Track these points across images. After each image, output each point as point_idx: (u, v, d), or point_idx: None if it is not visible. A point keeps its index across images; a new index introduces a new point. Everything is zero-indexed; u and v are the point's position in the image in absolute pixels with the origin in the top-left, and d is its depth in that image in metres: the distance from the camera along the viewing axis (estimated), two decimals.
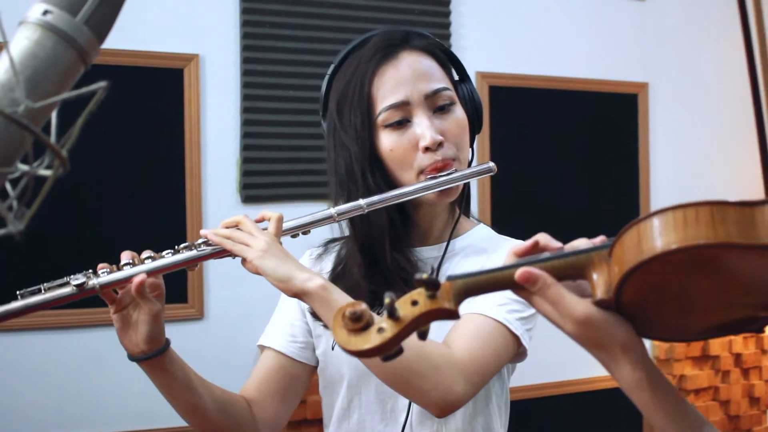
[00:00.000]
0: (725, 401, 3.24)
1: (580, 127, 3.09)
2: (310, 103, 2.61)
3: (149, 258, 1.05)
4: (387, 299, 0.69)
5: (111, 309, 1.06)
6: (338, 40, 2.65)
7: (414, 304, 0.69)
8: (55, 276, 1.03)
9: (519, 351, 1.14)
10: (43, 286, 1.01)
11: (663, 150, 3.25)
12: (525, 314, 1.12)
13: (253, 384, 1.23)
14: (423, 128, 1.13)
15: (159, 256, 1.06)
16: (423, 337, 0.71)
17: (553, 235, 0.78)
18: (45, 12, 0.50)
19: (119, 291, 1.05)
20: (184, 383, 1.11)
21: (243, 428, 1.18)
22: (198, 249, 1.07)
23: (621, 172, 3.17)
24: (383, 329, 0.69)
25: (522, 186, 2.92)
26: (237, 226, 1.08)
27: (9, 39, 0.49)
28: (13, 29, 0.51)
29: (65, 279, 1.02)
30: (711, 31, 3.35)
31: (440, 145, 1.13)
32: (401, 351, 0.71)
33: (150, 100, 2.46)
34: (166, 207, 2.47)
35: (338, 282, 1.18)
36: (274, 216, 1.09)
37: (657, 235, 0.64)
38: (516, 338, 1.11)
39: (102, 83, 0.45)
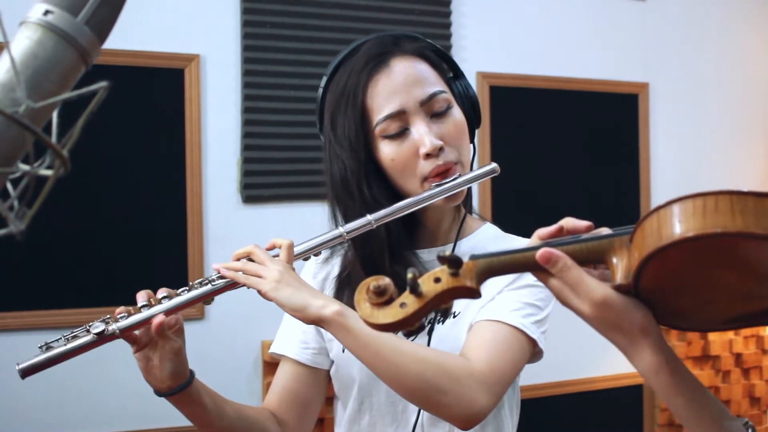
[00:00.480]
0: (726, 401, 3.24)
1: (581, 127, 3.09)
2: (311, 103, 2.60)
3: (165, 297, 1.06)
4: (410, 274, 0.70)
5: (132, 348, 1.08)
6: (339, 40, 2.65)
7: (437, 281, 0.71)
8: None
9: (534, 352, 1.15)
10: (64, 337, 1.05)
11: (663, 150, 3.24)
12: (539, 317, 1.13)
13: (275, 396, 1.25)
14: (422, 135, 1.12)
15: (175, 294, 1.07)
16: (446, 315, 0.72)
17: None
18: (46, 12, 0.50)
19: (138, 331, 1.07)
20: (212, 410, 1.13)
21: None
22: (213, 284, 1.07)
23: (621, 172, 3.17)
24: (406, 304, 0.70)
25: (522, 186, 2.91)
26: (248, 257, 1.08)
27: (10, 39, 0.49)
28: (14, 29, 0.51)
29: (85, 327, 1.04)
30: (711, 32, 3.35)
31: (441, 150, 1.13)
32: (423, 328, 0.73)
33: (151, 101, 2.46)
34: (167, 207, 2.47)
35: (345, 288, 1.19)
36: (285, 243, 1.09)
37: (676, 222, 0.65)
38: (532, 341, 1.12)
39: (103, 83, 0.45)
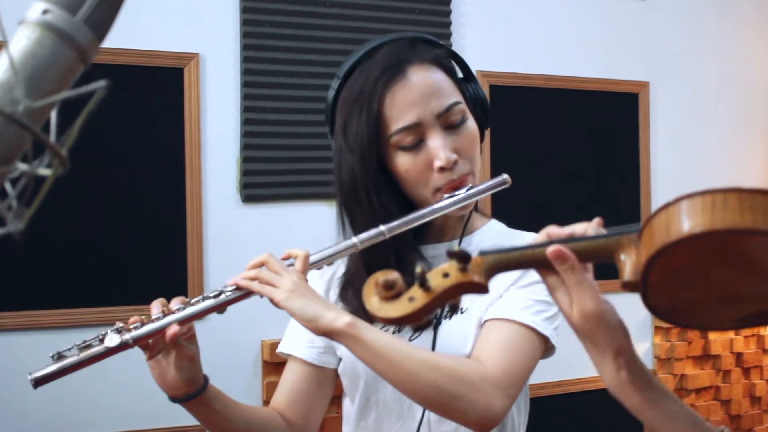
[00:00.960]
0: (726, 401, 3.24)
1: (581, 126, 3.09)
2: (311, 103, 2.61)
3: (180, 307, 1.06)
4: (418, 269, 0.70)
5: (145, 355, 1.09)
6: (339, 40, 2.65)
7: (445, 276, 0.71)
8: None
9: (547, 347, 1.15)
10: (76, 346, 1.05)
11: (663, 149, 3.24)
12: (550, 312, 1.13)
13: (282, 396, 1.25)
14: (437, 149, 1.12)
15: (188, 303, 1.07)
16: (454, 310, 0.72)
17: None
18: (44, 11, 0.50)
19: (152, 339, 1.07)
20: (226, 414, 1.13)
21: None
22: (226, 294, 1.07)
23: (621, 171, 3.17)
24: (414, 299, 0.71)
25: (522, 185, 2.91)
26: (263, 266, 1.08)
27: (8, 38, 0.49)
28: (13, 29, 0.51)
29: (98, 336, 1.05)
30: (711, 31, 3.35)
31: (455, 163, 1.13)
32: (431, 323, 0.73)
33: (150, 100, 2.46)
34: (166, 206, 2.46)
35: (350, 287, 1.20)
36: (301, 254, 1.09)
37: (685, 219, 0.64)
38: (545, 338, 1.12)
39: (101, 82, 0.44)
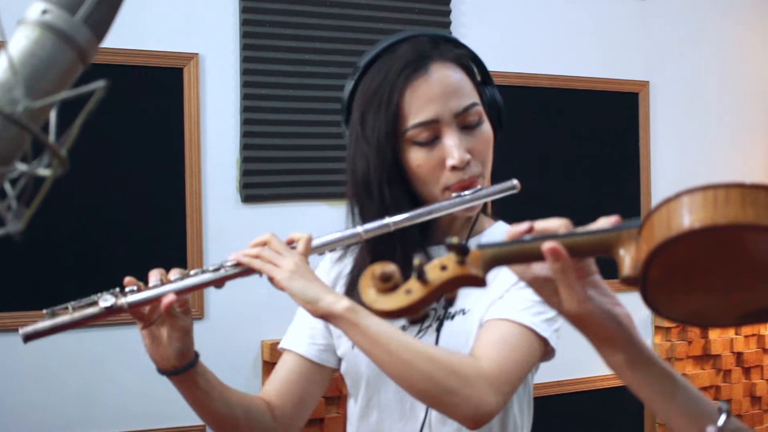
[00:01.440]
0: (726, 400, 3.23)
1: (581, 126, 3.09)
2: (311, 103, 2.61)
3: (178, 278, 1.06)
4: (416, 261, 0.70)
5: (138, 325, 1.08)
6: (339, 40, 2.64)
7: (443, 269, 0.71)
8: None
9: (546, 350, 1.14)
10: (71, 305, 1.03)
11: (664, 149, 3.24)
12: (550, 314, 1.12)
13: (274, 387, 1.24)
14: (451, 147, 1.12)
15: (186, 275, 1.06)
16: (450, 303, 0.72)
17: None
18: (44, 11, 0.50)
19: (147, 308, 1.06)
20: (213, 395, 1.12)
21: (264, 430, 1.19)
22: (226, 269, 1.07)
23: (622, 171, 3.17)
24: (411, 291, 0.70)
25: (522, 184, 2.91)
26: (265, 245, 1.08)
27: (8, 38, 0.49)
28: (13, 29, 0.51)
29: (93, 298, 1.03)
30: (712, 30, 3.35)
31: (467, 164, 1.13)
32: (427, 316, 0.72)
33: (149, 100, 2.46)
34: (166, 206, 2.46)
35: (357, 284, 1.19)
36: (304, 236, 1.09)
37: (686, 213, 0.64)
38: (543, 340, 1.12)
39: (101, 82, 0.44)
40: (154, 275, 1.06)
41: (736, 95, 3.39)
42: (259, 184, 2.57)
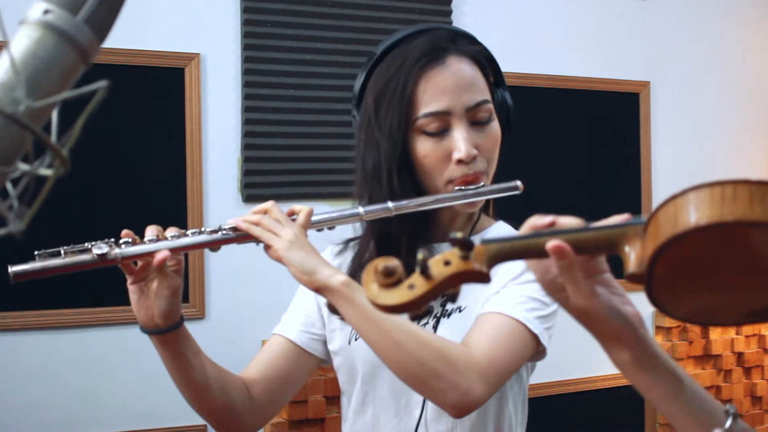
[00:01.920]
0: (727, 401, 3.24)
1: (582, 126, 3.09)
2: (311, 102, 2.61)
3: (174, 235, 1.05)
4: (420, 255, 0.69)
5: (128, 279, 1.07)
6: (339, 40, 2.64)
7: (446, 264, 0.70)
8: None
9: (538, 350, 1.14)
10: (63, 249, 1.01)
11: (664, 149, 3.24)
12: (544, 312, 1.12)
13: (257, 366, 1.23)
14: (459, 141, 1.13)
15: (183, 234, 1.05)
16: (453, 299, 0.72)
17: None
18: (45, 11, 0.50)
19: (139, 263, 1.05)
20: (193, 362, 1.11)
21: (238, 409, 1.18)
22: (224, 232, 1.07)
23: (622, 171, 3.17)
24: (414, 286, 0.69)
25: (523, 184, 2.91)
26: (266, 213, 1.08)
27: (10, 38, 0.49)
28: (14, 29, 0.51)
29: (87, 245, 1.01)
30: (712, 31, 3.35)
31: (474, 159, 1.14)
32: (429, 312, 0.72)
33: (151, 100, 2.46)
34: (167, 206, 2.46)
35: (356, 272, 1.19)
36: (305, 209, 1.09)
37: (692, 210, 0.63)
38: (535, 337, 1.11)
39: (102, 82, 0.44)
40: (151, 230, 1.05)
41: (736, 95, 3.39)
42: (260, 184, 2.57)
